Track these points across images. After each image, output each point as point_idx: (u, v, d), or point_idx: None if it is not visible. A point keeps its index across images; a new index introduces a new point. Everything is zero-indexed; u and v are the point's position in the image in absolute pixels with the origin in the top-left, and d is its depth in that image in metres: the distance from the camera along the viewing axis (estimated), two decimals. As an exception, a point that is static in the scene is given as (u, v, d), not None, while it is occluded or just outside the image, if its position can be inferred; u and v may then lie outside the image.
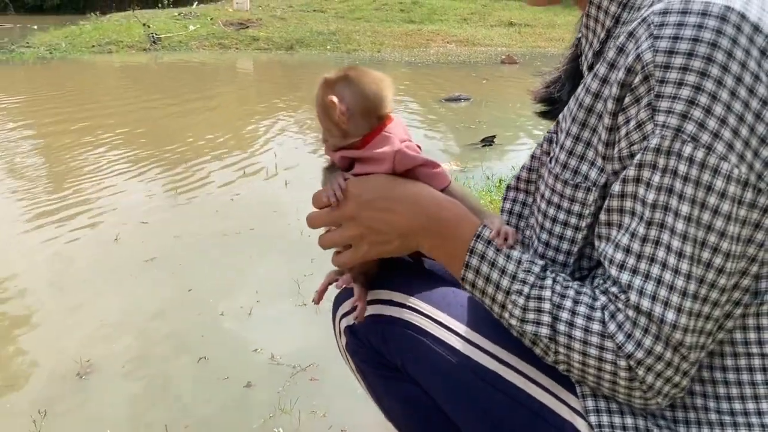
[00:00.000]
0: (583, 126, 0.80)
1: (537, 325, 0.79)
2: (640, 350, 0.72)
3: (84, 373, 2.08)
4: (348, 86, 0.92)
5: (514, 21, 16.55)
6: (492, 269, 0.83)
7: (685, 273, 0.70)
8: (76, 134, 5.71)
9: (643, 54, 0.69)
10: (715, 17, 0.67)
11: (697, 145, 0.67)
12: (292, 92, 8.63)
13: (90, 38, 13.51)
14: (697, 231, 0.69)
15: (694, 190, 0.68)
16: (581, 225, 0.82)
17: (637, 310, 0.73)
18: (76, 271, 2.88)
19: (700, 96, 0.67)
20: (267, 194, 4.04)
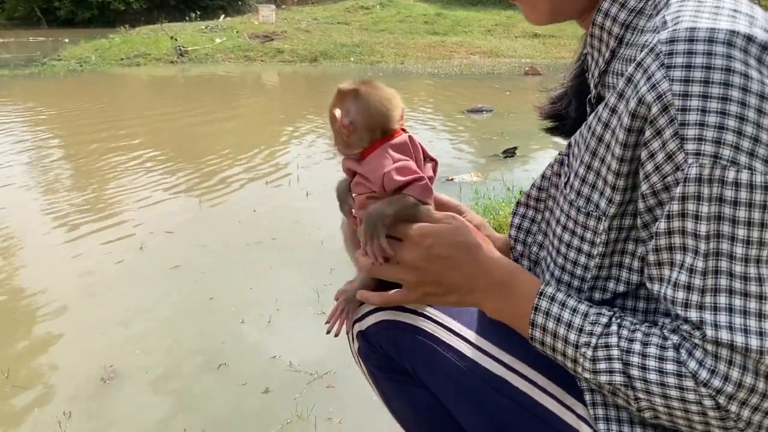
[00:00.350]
0: (594, 155, 0.81)
1: (610, 374, 0.76)
2: (729, 384, 0.69)
3: (108, 378, 2.13)
4: (356, 101, 0.95)
5: (538, 32, 16.51)
6: (558, 325, 0.81)
7: (755, 294, 0.68)
8: (103, 145, 5.84)
9: (658, 84, 0.69)
10: (722, 43, 0.67)
11: (738, 168, 0.67)
12: (315, 103, 8.72)
13: (119, 51, 13.80)
14: (759, 251, 0.68)
15: (747, 212, 0.67)
16: (593, 252, 0.82)
17: (717, 344, 0.69)
18: (102, 279, 2.95)
19: (727, 120, 0.66)
20: (289, 205, 4.10)
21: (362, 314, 1.04)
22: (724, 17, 0.70)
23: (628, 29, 0.82)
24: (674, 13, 0.73)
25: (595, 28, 0.86)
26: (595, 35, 0.86)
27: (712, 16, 0.70)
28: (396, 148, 0.95)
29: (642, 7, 0.81)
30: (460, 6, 21.12)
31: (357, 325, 1.05)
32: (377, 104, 0.95)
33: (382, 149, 0.94)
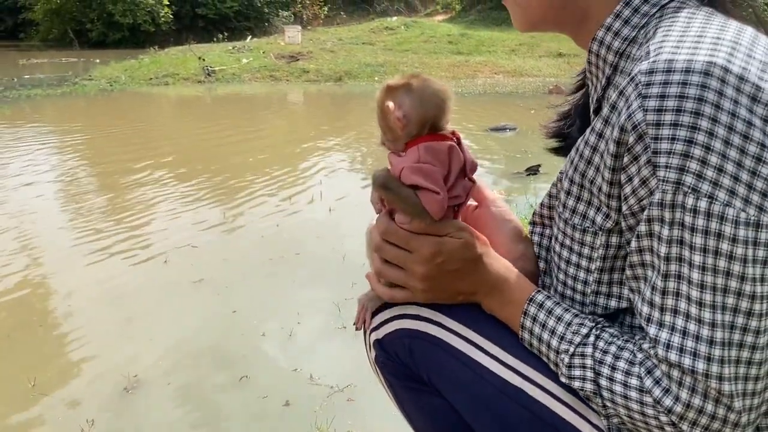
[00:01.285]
0: (584, 176, 0.83)
1: (582, 381, 0.81)
2: (679, 404, 0.72)
3: (131, 388, 2.16)
4: (408, 94, 0.93)
5: (563, 52, 16.51)
6: (543, 330, 0.87)
7: (708, 321, 0.70)
8: (131, 161, 5.94)
9: (634, 114, 0.71)
10: (699, 73, 0.68)
11: (698, 195, 0.68)
12: (339, 122, 8.80)
13: (148, 71, 14.08)
14: (714, 279, 0.69)
15: (703, 239, 0.69)
16: (591, 267, 0.85)
17: (669, 364, 0.73)
18: (127, 291, 3.00)
19: (693, 149, 0.68)
20: (312, 220, 4.13)
21: (379, 323, 1.04)
22: (704, 48, 0.71)
23: (622, 57, 0.84)
24: (657, 43, 0.75)
25: (591, 56, 0.88)
26: (592, 62, 0.89)
27: (692, 46, 0.71)
28: (431, 151, 0.92)
29: (635, 36, 0.83)
30: (484, 26, 21.23)
31: (374, 333, 1.05)
32: (430, 97, 0.94)
33: (419, 147, 0.93)
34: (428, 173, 0.91)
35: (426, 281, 0.93)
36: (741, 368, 0.70)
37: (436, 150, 0.93)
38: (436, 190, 0.90)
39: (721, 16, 0.79)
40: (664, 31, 0.77)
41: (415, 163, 0.92)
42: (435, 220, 0.91)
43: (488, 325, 0.96)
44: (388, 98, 0.94)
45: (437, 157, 0.93)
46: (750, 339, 0.70)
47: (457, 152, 0.94)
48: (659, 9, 0.82)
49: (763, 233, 0.68)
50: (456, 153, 0.94)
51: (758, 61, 0.70)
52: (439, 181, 0.91)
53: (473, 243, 0.94)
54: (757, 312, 0.69)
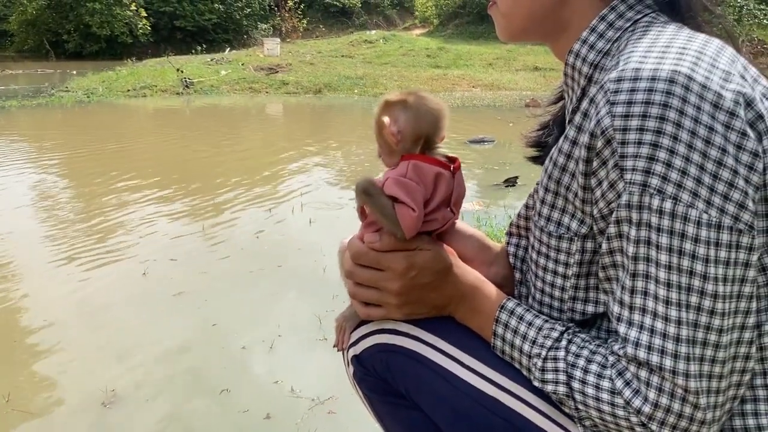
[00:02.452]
0: (559, 183, 0.85)
1: (555, 384, 0.83)
2: (647, 405, 0.74)
3: (109, 402, 2.13)
4: (404, 110, 0.96)
5: (539, 66, 16.74)
6: (515, 336, 0.89)
7: (675, 319, 0.72)
8: (108, 173, 5.89)
9: (602, 120, 0.74)
10: (664, 80, 0.71)
11: (663, 197, 0.71)
12: (319, 133, 8.81)
13: (126, 83, 13.99)
14: (679, 277, 0.72)
15: (668, 239, 0.71)
16: (568, 273, 0.87)
17: (638, 363, 0.75)
18: (105, 305, 2.96)
19: (658, 152, 0.71)
20: (292, 232, 4.12)
21: (356, 338, 1.05)
22: (669, 58, 0.74)
23: (596, 69, 0.87)
24: (627, 53, 0.78)
25: (568, 68, 0.91)
26: (569, 74, 0.92)
27: (659, 56, 0.74)
28: (418, 170, 0.94)
29: (609, 49, 0.86)
30: (462, 40, 21.46)
31: (352, 349, 1.06)
32: (425, 113, 0.96)
33: (409, 162, 0.94)
34: (409, 189, 0.92)
35: (400, 296, 0.95)
36: (705, 366, 0.72)
37: (424, 171, 0.94)
38: (413, 207, 0.91)
39: (690, 30, 0.82)
40: (634, 43, 0.80)
41: (400, 176, 0.93)
42: (405, 237, 0.93)
43: (463, 337, 0.97)
44: (384, 113, 0.96)
45: (423, 178, 0.94)
46: (713, 337, 0.72)
47: (444, 180, 0.95)
48: (632, 23, 0.85)
49: (724, 234, 0.70)
50: (444, 181, 0.95)
51: (721, 71, 0.73)
52: (418, 200, 0.92)
53: (443, 254, 0.97)
54: (719, 311, 0.71)
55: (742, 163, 0.70)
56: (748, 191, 0.70)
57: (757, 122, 0.71)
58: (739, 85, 0.72)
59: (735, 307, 0.72)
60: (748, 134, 0.70)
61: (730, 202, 0.70)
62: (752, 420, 0.78)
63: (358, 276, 0.98)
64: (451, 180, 0.97)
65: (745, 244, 0.71)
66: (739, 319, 0.73)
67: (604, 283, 0.82)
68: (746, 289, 0.72)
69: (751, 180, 0.70)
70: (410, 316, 0.98)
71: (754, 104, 0.72)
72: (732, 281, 0.71)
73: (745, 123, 0.70)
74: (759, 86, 0.77)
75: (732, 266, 0.71)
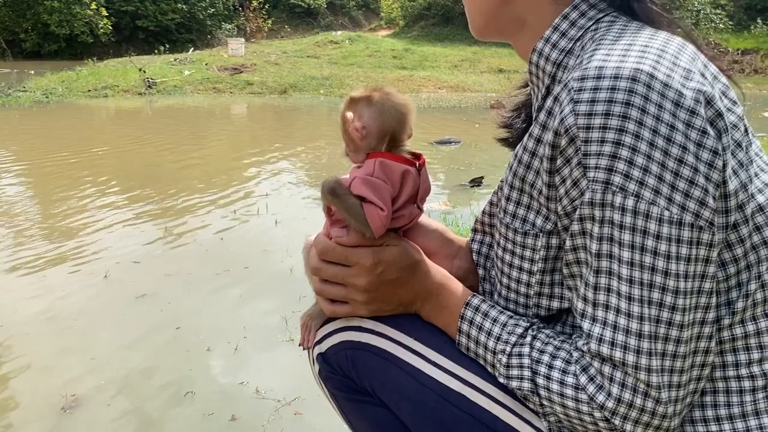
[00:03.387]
0: (524, 180, 0.86)
1: (520, 381, 0.83)
2: (611, 400, 0.75)
3: (69, 408, 2.08)
4: (368, 106, 0.96)
5: (503, 68, 16.92)
6: (480, 332, 0.90)
7: (637, 315, 0.73)
8: (69, 176, 5.76)
9: (566, 118, 0.75)
10: (626, 79, 0.72)
11: (625, 194, 0.72)
12: (284, 133, 8.75)
13: (86, 83, 13.70)
14: (641, 274, 0.73)
15: (630, 236, 0.72)
16: (533, 269, 0.87)
17: (601, 359, 0.76)
18: (66, 309, 2.89)
19: (620, 150, 0.72)
20: (258, 233, 4.08)
21: (322, 336, 1.05)
22: (632, 56, 0.75)
23: (559, 68, 0.88)
24: (590, 52, 0.79)
25: (532, 66, 0.92)
26: (533, 72, 0.93)
27: (621, 54, 0.75)
28: (385, 168, 0.94)
29: (571, 48, 0.87)
30: (427, 42, 21.55)
31: (317, 347, 1.05)
32: (390, 109, 0.95)
33: (376, 161, 0.94)
34: (377, 188, 0.92)
35: (367, 293, 0.95)
36: (667, 361, 0.73)
37: (391, 169, 0.94)
38: (381, 206, 0.91)
39: (652, 28, 0.83)
40: (597, 42, 0.81)
41: (368, 175, 0.93)
42: (374, 236, 0.93)
43: (429, 333, 0.98)
44: (349, 109, 0.96)
45: (390, 176, 0.94)
46: (675, 332, 0.73)
47: (411, 177, 0.96)
48: (594, 22, 0.86)
49: (685, 231, 0.71)
50: (410, 178, 0.96)
51: (682, 69, 0.74)
52: (386, 199, 0.92)
53: (410, 251, 0.97)
54: (680, 307, 0.73)
55: (703, 161, 0.71)
56: (709, 188, 0.71)
57: (716, 120, 0.73)
58: (700, 83, 0.73)
59: (696, 302, 0.73)
60: (708, 132, 0.71)
61: (691, 200, 0.71)
62: (711, 412, 0.79)
63: (325, 272, 0.98)
64: (417, 177, 0.97)
65: (705, 241, 0.72)
66: (700, 314, 0.74)
67: (568, 280, 0.83)
68: (707, 284, 0.74)
69: (711, 177, 0.71)
70: (376, 313, 0.98)
71: (714, 102, 0.73)
72: (693, 277, 0.73)
73: (705, 121, 0.71)
74: (718, 83, 0.78)
75: (693, 262, 0.72)
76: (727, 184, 0.73)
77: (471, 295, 0.94)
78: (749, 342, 0.79)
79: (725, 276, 0.77)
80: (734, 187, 0.74)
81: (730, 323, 0.78)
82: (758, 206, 0.77)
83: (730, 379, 0.79)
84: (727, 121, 0.74)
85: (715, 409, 0.79)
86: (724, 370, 0.79)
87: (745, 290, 0.78)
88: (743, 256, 0.77)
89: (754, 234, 0.77)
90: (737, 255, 0.77)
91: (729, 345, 0.79)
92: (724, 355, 0.79)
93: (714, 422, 0.79)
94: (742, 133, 0.77)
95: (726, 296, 0.78)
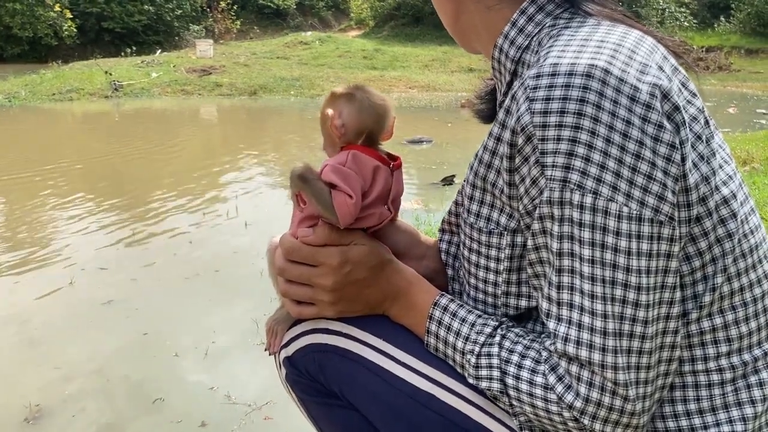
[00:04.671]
0: (485, 179, 0.85)
1: (489, 381, 0.82)
2: (579, 399, 0.74)
3: (32, 418, 2.02)
4: (348, 103, 0.95)
5: (473, 67, 16.99)
6: (448, 333, 0.88)
7: (601, 313, 0.72)
8: (33, 181, 5.64)
9: (522, 117, 0.74)
10: (581, 75, 0.71)
11: (583, 191, 0.71)
12: (254, 135, 8.68)
13: (51, 86, 13.41)
14: (603, 271, 0.72)
15: (590, 233, 0.71)
16: (499, 268, 0.86)
17: (568, 358, 0.75)
18: (29, 316, 2.82)
19: (577, 147, 0.71)
20: (227, 236, 4.03)
21: (288, 340, 1.02)
22: (587, 52, 0.74)
23: (518, 64, 0.87)
24: (547, 49, 0.78)
25: (494, 62, 0.92)
26: (495, 68, 0.92)
27: (576, 50, 0.74)
28: (358, 160, 0.93)
29: (528, 44, 0.86)
30: (398, 42, 21.57)
31: (283, 351, 1.03)
32: (369, 108, 0.95)
33: (349, 152, 0.93)
34: (347, 176, 0.91)
35: (334, 293, 0.93)
36: (633, 358, 0.72)
37: (363, 162, 0.93)
38: (350, 193, 0.89)
39: (610, 23, 0.82)
40: (555, 38, 0.80)
41: (339, 164, 0.92)
42: (340, 225, 0.91)
43: (397, 334, 0.96)
44: (329, 105, 0.96)
45: (362, 168, 0.93)
46: (639, 329, 0.72)
47: (383, 175, 0.95)
48: (553, 18, 0.85)
49: (645, 226, 0.70)
50: (382, 175, 0.95)
51: (639, 63, 0.73)
52: (355, 188, 0.91)
53: (379, 250, 0.95)
54: (644, 303, 0.72)
55: (660, 155, 0.70)
56: (667, 183, 0.70)
57: (674, 114, 0.72)
58: (656, 77, 0.72)
59: (659, 297, 0.73)
60: (665, 126, 0.70)
61: (649, 194, 0.70)
62: (681, 406, 0.79)
63: (290, 272, 0.95)
64: (390, 176, 0.96)
65: (666, 236, 0.71)
66: (664, 310, 0.73)
67: (533, 279, 0.81)
68: (669, 279, 0.73)
69: (669, 171, 0.70)
70: (344, 314, 0.96)
71: (671, 96, 0.72)
72: (655, 272, 0.72)
73: (662, 115, 0.71)
74: (678, 75, 0.77)
75: (654, 258, 0.71)
76: (687, 178, 0.72)
77: (439, 294, 0.92)
78: (717, 335, 0.79)
79: (690, 269, 0.77)
80: (695, 180, 0.73)
81: (697, 317, 0.78)
82: (723, 199, 0.77)
83: (699, 373, 0.79)
84: (685, 114, 0.73)
85: (685, 404, 0.79)
86: (693, 365, 0.79)
87: (711, 284, 0.77)
88: (708, 249, 0.77)
89: (719, 227, 0.77)
90: (701, 248, 0.76)
91: (697, 339, 0.78)
92: (693, 349, 0.79)
93: (684, 417, 0.78)
94: (703, 126, 0.76)
95: (692, 290, 0.78)
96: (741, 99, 13.48)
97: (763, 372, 0.80)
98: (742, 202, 0.80)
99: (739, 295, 0.79)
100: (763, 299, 0.81)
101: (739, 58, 20.28)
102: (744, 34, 22.30)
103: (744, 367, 0.79)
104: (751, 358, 0.80)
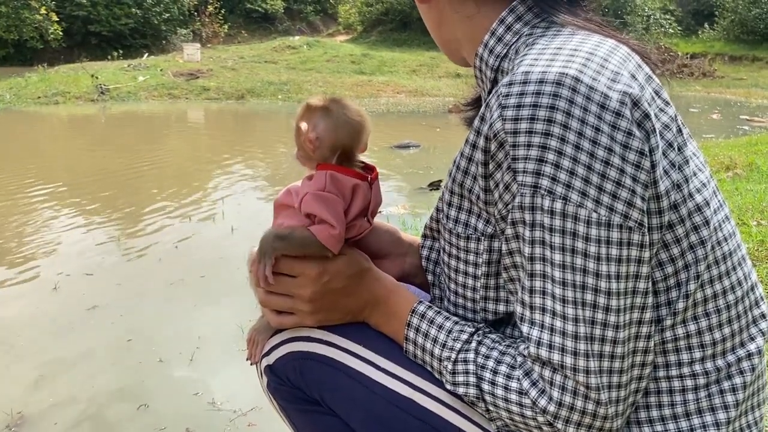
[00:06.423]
0: (462, 186, 0.86)
1: (466, 387, 0.83)
2: (552, 404, 0.75)
3: (14, 426, 2.00)
4: (324, 117, 0.94)
5: (461, 72, 17.02)
6: (426, 340, 0.89)
7: (572, 317, 0.73)
8: (19, 186, 5.59)
9: (494, 123, 0.75)
10: (551, 83, 0.72)
11: (553, 197, 0.72)
12: (241, 139, 8.66)
13: (36, 89, 13.32)
14: (574, 276, 0.73)
15: (560, 239, 0.72)
16: (477, 273, 0.87)
17: (541, 362, 0.75)
18: (13, 322, 2.80)
19: (547, 154, 0.72)
20: (213, 241, 4.02)
21: (269, 349, 1.03)
22: (559, 60, 0.75)
23: (498, 72, 0.89)
24: (521, 58, 0.79)
25: (476, 70, 0.93)
26: (478, 77, 0.94)
27: (549, 59, 0.75)
28: (336, 181, 0.92)
29: (506, 53, 0.87)
30: (386, 47, 21.63)
31: (264, 359, 1.04)
32: (345, 124, 0.94)
33: (327, 174, 0.92)
34: (329, 203, 0.91)
35: (312, 303, 0.94)
36: (605, 362, 0.73)
37: (341, 183, 0.93)
38: (333, 223, 0.90)
39: (586, 32, 0.83)
40: (530, 47, 0.81)
41: (319, 190, 0.91)
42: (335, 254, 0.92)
43: (376, 340, 0.97)
44: (304, 118, 0.94)
45: (341, 190, 0.93)
46: (610, 333, 0.73)
47: (362, 192, 0.95)
48: (530, 28, 0.86)
49: (614, 232, 0.71)
50: (361, 192, 0.94)
51: (610, 71, 0.74)
52: (339, 214, 0.91)
53: (358, 258, 0.96)
54: (614, 308, 0.73)
55: (629, 162, 0.71)
56: (637, 189, 0.71)
57: (644, 121, 0.73)
58: (627, 85, 0.73)
59: (630, 303, 0.73)
60: (634, 133, 0.71)
61: (618, 201, 0.71)
62: (656, 412, 0.80)
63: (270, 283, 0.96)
64: (369, 191, 0.96)
65: (636, 242, 0.72)
66: (636, 315, 0.74)
67: (508, 284, 0.83)
68: (641, 285, 0.74)
69: (638, 178, 0.71)
70: (323, 323, 0.97)
71: (641, 104, 0.73)
72: (626, 278, 0.73)
73: (631, 123, 0.72)
74: (652, 84, 0.79)
75: (624, 263, 0.72)
76: (657, 185, 0.73)
77: (418, 302, 0.93)
78: (691, 342, 0.80)
79: (663, 276, 0.78)
80: (665, 187, 0.74)
81: (672, 323, 0.79)
82: (696, 206, 0.78)
83: (673, 378, 0.80)
84: (656, 122, 0.74)
85: (660, 409, 0.80)
86: (667, 370, 0.80)
87: (684, 290, 0.78)
88: (680, 256, 0.78)
89: (691, 234, 0.78)
90: (674, 255, 0.78)
91: (672, 345, 0.80)
92: (667, 355, 0.80)
93: (659, 422, 0.79)
94: (675, 134, 0.77)
95: (666, 296, 0.79)
96: (725, 105, 13.62)
97: (736, 377, 0.81)
98: (715, 209, 0.81)
99: (712, 301, 0.80)
100: (736, 306, 0.82)
101: (723, 64, 20.52)
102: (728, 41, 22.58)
103: (717, 372, 0.80)
104: (724, 363, 0.81)
